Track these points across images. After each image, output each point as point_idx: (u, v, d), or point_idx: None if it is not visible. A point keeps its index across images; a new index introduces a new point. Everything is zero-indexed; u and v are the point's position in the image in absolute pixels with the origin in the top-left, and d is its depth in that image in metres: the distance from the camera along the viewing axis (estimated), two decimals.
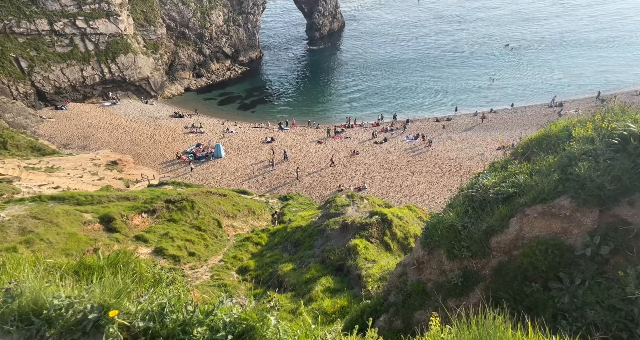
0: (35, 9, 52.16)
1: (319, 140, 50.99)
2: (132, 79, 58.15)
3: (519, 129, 46.49)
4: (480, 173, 9.05)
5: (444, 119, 55.08)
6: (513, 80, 64.70)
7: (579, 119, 7.24)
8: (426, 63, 72.23)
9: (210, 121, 56.23)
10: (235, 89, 67.55)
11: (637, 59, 66.77)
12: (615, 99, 6.75)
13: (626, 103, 6.49)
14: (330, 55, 79.11)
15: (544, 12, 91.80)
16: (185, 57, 67.77)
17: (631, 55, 69.14)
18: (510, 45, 75.06)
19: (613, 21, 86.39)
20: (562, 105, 54.23)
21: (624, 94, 53.59)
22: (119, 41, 56.38)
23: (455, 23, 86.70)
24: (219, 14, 71.53)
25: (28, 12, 51.79)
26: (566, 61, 69.37)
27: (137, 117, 54.46)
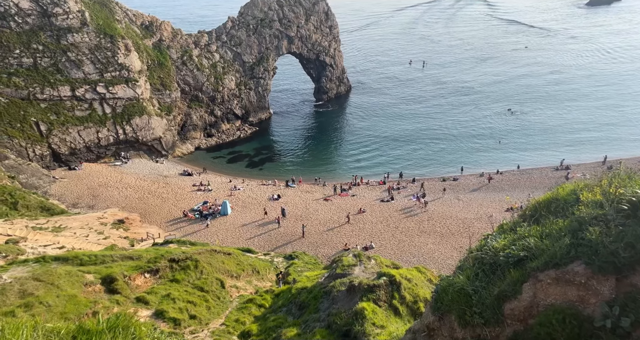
0: (60, 77, 55.49)
1: (326, 198, 51.10)
2: (145, 139, 60.23)
3: (526, 191, 46.60)
4: (489, 235, 8.94)
5: (450, 179, 55.38)
6: (518, 142, 65.92)
7: (586, 183, 7.28)
8: (431, 125, 74.34)
9: (218, 179, 57.06)
10: (244, 147, 69.39)
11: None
12: (621, 165, 6.85)
13: (632, 169, 6.58)
14: (337, 116, 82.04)
15: (544, 78, 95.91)
16: (197, 118, 70.69)
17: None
18: (512, 110, 77.42)
19: (614, 78, 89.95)
20: (569, 169, 54.70)
21: (631, 160, 54.60)
22: (135, 104, 59.29)
23: (458, 88, 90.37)
24: (232, 78, 75.78)
25: (52, 80, 55.02)
26: (572, 122, 70.89)
27: (147, 176, 55.51)
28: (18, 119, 52.07)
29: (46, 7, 55.31)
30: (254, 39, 77.98)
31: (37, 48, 54.73)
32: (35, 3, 55.05)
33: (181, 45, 70.70)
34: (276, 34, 79.96)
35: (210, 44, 74.70)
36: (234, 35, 77.02)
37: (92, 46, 57.12)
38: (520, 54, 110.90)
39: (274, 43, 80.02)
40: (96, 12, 59.35)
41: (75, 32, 56.36)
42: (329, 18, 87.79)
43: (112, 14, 61.68)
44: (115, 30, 59.01)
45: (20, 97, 53.19)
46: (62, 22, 56.02)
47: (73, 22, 56.37)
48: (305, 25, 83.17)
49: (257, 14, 79.01)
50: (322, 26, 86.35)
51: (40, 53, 54.81)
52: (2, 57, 53.20)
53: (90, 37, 57.10)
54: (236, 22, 78.36)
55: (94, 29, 57.42)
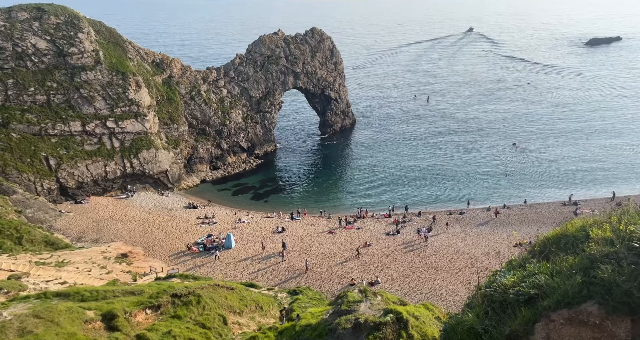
0: (72, 112, 56.84)
1: (330, 231, 50.58)
2: (152, 172, 60.81)
3: (534, 226, 46.01)
4: (498, 271, 8.74)
5: (456, 213, 54.85)
6: (524, 177, 65.69)
7: (595, 219, 7.23)
8: (435, 158, 74.58)
9: (223, 211, 56.93)
10: (249, 180, 69.71)
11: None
12: (630, 202, 6.83)
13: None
14: (342, 149, 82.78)
15: (548, 113, 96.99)
16: (204, 151, 71.61)
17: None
18: (517, 145, 77.80)
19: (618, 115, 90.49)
20: (578, 205, 54.10)
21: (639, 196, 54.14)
22: (143, 138, 60.36)
23: (462, 122, 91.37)
24: (239, 112, 77.39)
25: (64, 116, 56.35)
26: (578, 158, 70.82)
27: (152, 209, 55.56)
28: (28, 154, 52.95)
29: (62, 47, 57.66)
30: (261, 75, 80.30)
31: (51, 85, 56.49)
32: (52, 43, 57.48)
33: (190, 81, 72.88)
34: (282, 70, 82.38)
35: (219, 80, 76.96)
36: (241, 71, 79.44)
37: (105, 83, 59.02)
38: (523, 90, 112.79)
39: (281, 78, 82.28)
40: (110, 51, 61.80)
41: (89, 70, 58.42)
42: (334, 55, 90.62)
43: (124, 52, 64.20)
44: (127, 67, 61.17)
45: (32, 132, 54.37)
46: (77, 60, 58.19)
47: (87, 61, 58.58)
48: (311, 62, 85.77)
49: (264, 51, 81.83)
50: (327, 62, 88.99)
51: (54, 90, 56.50)
52: (17, 94, 54.85)
53: (103, 74, 59.14)
54: (244, 58, 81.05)
55: (107, 66, 59.58)
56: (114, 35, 65.41)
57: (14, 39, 55.41)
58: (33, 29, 56.87)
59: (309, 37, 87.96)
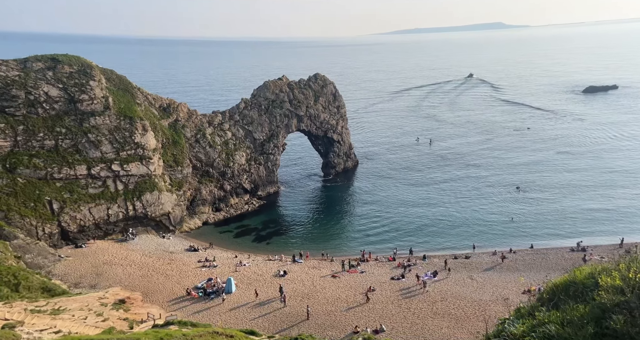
0: (78, 157, 57.51)
1: (333, 274, 49.32)
2: (154, 215, 60.53)
3: (542, 272, 44.93)
4: (507, 319, 8.39)
5: (462, 257, 53.67)
6: (529, 220, 64.87)
7: (604, 266, 7.09)
8: (439, 201, 74.15)
9: (224, 254, 55.99)
10: (251, 221, 69.19)
11: None
12: (638, 249, 6.70)
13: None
14: (345, 191, 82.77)
15: (551, 157, 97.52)
16: (207, 193, 71.73)
17: None
18: (520, 188, 77.66)
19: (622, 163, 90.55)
20: (586, 250, 53.21)
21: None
22: (147, 180, 60.69)
23: (465, 166, 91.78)
24: (242, 154, 78.41)
25: (71, 160, 56.96)
26: (586, 203, 70.11)
27: (153, 252, 54.76)
28: (32, 198, 52.92)
29: (73, 94, 59.54)
30: (265, 118, 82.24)
31: (60, 131, 57.63)
32: (64, 91, 59.49)
33: (195, 125, 74.59)
34: (286, 113, 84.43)
35: (224, 123, 78.75)
36: (246, 114, 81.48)
37: (112, 127, 60.41)
38: (524, 135, 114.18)
39: (284, 121, 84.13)
40: (119, 97, 63.89)
41: (98, 116, 59.97)
42: (337, 99, 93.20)
43: (133, 98, 66.38)
44: (135, 112, 62.91)
45: (38, 177, 54.71)
46: (87, 106, 59.88)
47: (97, 107, 60.34)
48: (314, 106, 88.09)
49: (268, 95, 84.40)
50: (330, 106, 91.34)
51: (62, 135, 57.59)
52: (26, 140, 55.77)
53: (111, 119, 60.68)
54: (249, 103, 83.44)
55: (115, 112, 61.29)
56: (124, 82, 67.99)
57: (28, 87, 57.38)
58: (47, 78, 59.14)
59: (313, 82, 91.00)
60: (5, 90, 56.06)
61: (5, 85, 56.19)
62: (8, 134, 54.81)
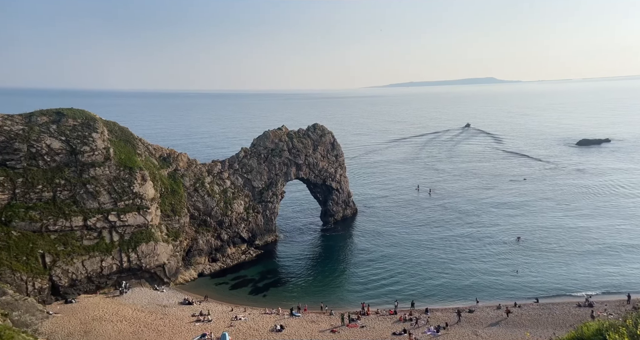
0: (75, 208, 56.59)
1: (332, 329, 47.02)
2: (149, 266, 58.81)
3: (549, 328, 43.18)
4: None
5: (465, 311, 51.48)
6: (533, 273, 63.13)
7: (611, 322, 6.81)
8: (440, 251, 72.53)
9: (219, 308, 53.71)
10: (248, 272, 67.21)
11: None
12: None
13: None
14: (344, 240, 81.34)
15: (548, 208, 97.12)
16: (204, 243, 70.38)
17: None
18: (521, 238, 76.64)
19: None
20: (593, 306, 51.52)
21: None
22: (143, 231, 59.63)
23: (463, 215, 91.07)
24: (241, 203, 78.04)
25: (67, 212, 55.96)
26: (588, 257, 68.58)
27: (145, 306, 52.50)
28: (25, 251, 51.39)
29: (75, 146, 60.09)
30: (265, 167, 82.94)
31: (59, 182, 57.26)
32: (66, 143, 60.14)
33: (195, 174, 75.04)
34: (285, 162, 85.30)
35: (223, 172, 79.27)
36: (245, 163, 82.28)
37: (112, 177, 60.49)
38: (521, 184, 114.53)
39: (283, 170, 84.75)
40: (120, 148, 64.79)
41: (98, 166, 60.16)
42: (335, 148, 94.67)
43: (134, 148, 67.34)
44: (135, 162, 63.42)
45: (33, 229, 53.58)
46: (88, 158, 60.16)
47: (97, 158, 60.75)
48: (313, 154, 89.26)
49: (268, 144, 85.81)
50: (328, 155, 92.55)
51: (61, 187, 57.16)
52: (24, 192, 55.09)
53: (110, 169, 60.91)
54: (249, 152, 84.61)
55: (116, 162, 61.74)
56: (126, 133, 69.35)
57: (30, 141, 57.87)
58: (50, 131, 60.07)
59: (311, 132, 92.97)
60: (8, 144, 56.60)
61: (8, 139, 56.79)
62: (7, 186, 54.51)
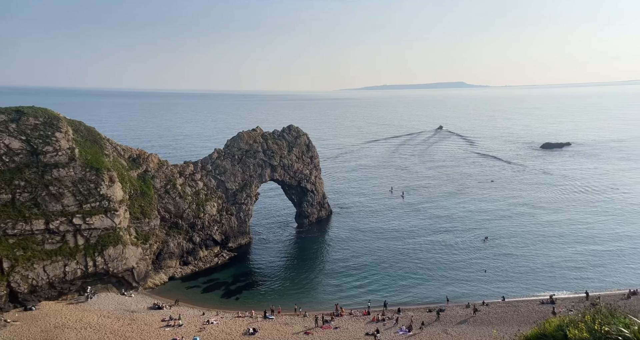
0: (36, 210, 53.57)
1: (306, 331, 46.88)
2: (116, 271, 56.64)
3: (514, 325, 44.78)
4: None
5: (436, 309, 52.64)
6: (501, 272, 65.08)
7: (571, 318, 7.14)
8: (412, 252, 73.56)
9: (190, 312, 52.50)
10: (221, 275, 66.10)
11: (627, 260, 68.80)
12: (600, 301, 6.86)
13: (613, 306, 6.60)
14: (318, 241, 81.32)
15: (516, 209, 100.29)
16: (175, 246, 68.69)
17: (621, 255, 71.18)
18: (488, 238, 78.91)
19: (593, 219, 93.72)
20: (555, 303, 53.96)
21: (612, 295, 55.52)
22: (111, 234, 57.36)
23: (435, 217, 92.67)
24: (214, 205, 76.70)
25: (27, 214, 52.90)
26: (549, 253, 71.37)
27: (112, 312, 50.61)
28: None
29: (37, 146, 56.93)
30: (239, 168, 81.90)
31: (18, 184, 54.25)
32: (26, 143, 56.96)
33: (166, 175, 73.20)
34: (260, 163, 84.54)
35: (195, 173, 77.72)
36: (219, 164, 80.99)
37: (77, 179, 57.79)
38: (489, 186, 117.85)
39: (258, 171, 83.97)
40: (86, 148, 62.14)
41: (62, 167, 57.23)
42: (310, 150, 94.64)
43: (101, 149, 64.86)
44: (102, 163, 61.04)
45: None
46: (50, 158, 57.18)
47: (61, 158, 57.83)
48: (288, 156, 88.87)
49: (242, 146, 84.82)
50: (303, 156, 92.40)
51: (20, 188, 54.10)
52: None
53: (76, 170, 58.17)
54: (222, 153, 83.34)
55: (81, 163, 59.07)
56: (93, 133, 66.78)
57: None
58: (9, 130, 56.85)
59: (286, 133, 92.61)
60: None
61: None
62: None
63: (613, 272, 64.51)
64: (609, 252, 71.94)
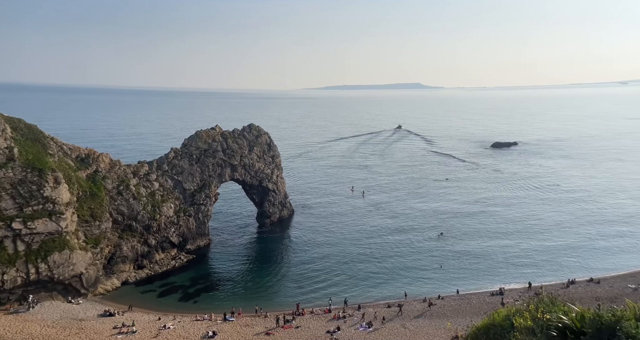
0: None
1: (267, 332, 46.40)
2: (62, 278, 53.07)
3: (467, 317, 46.80)
4: None
5: (395, 305, 53.94)
6: (455, 267, 67.68)
7: (517, 308, 7.53)
8: (372, 251, 74.64)
9: (145, 317, 50.35)
10: (178, 278, 63.95)
11: (562, 250, 73.53)
12: (542, 290, 7.20)
13: (553, 295, 7.00)
14: (280, 241, 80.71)
15: (469, 205, 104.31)
16: (128, 249, 65.59)
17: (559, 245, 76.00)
18: (443, 234, 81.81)
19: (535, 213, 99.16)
20: (503, 294, 56.88)
21: (553, 285, 59.28)
22: (56, 238, 53.63)
23: (394, 215, 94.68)
24: (170, 206, 74.03)
25: None
26: (498, 248, 74.93)
27: (57, 321, 47.44)
28: None
29: None
30: (197, 168, 79.56)
31: None
32: None
33: (118, 176, 69.76)
34: (219, 163, 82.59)
35: (150, 174, 74.64)
36: (176, 164, 78.28)
37: (16, 181, 53.49)
38: (443, 184, 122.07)
39: (217, 171, 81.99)
40: (27, 148, 57.76)
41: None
42: (271, 149, 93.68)
43: (44, 148, 60.59)
44: (46, 163, 57.04)
45: None
46: None
47: None
48: (248, 155, 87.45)
49: (200, 145, 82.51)
50: (265, 156, 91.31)
51: None
52: None
53: (15, 171, 53.84)
54: (179, 152, 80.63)
55: (21, 163, 54.85)
56: (34, 131, 62.26)
57: None
58: None
59: (247, 132, 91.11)
60: None
61: None
62: None
63: (555, 264, 68.87)
64: (552, 245, 76.74)
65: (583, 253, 72.95)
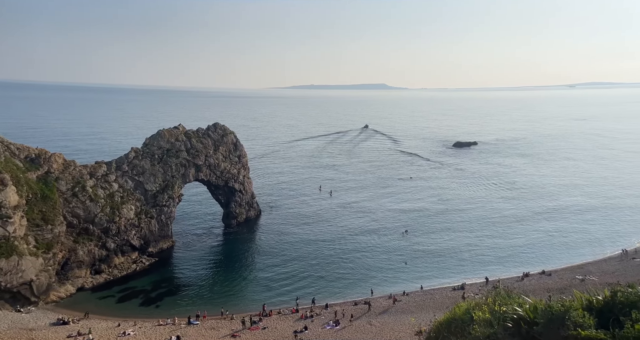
0: None
1: (233, 334, 45.54)
2: (10, 286, 49.74)
3: (430, 312, 47.97)
4: None
5: (361, 303, 54.48)
6: (419, 263, 69.28)
7: (476, 302, 7.65)
8: (339, 250, 75.05)
9: (103, 324, 48.06)
10: (139, 282, 61.54)
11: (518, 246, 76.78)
12: (500, 284, 7.37)
13: (509, 288, 7.22)
14: (246, 242, 79.44)
15: (432, 204, 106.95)
16: (84, 254, 62.39)
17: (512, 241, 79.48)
18: (407, 231, 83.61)
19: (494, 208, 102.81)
20: (464, 288, 58.76)
21: (509, 279, 61.60)
22: (3, 244, 50.20)
23: (359, 213, 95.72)
24: (131, 207, 71.14)
25: None
26: (457, 244, 77.44)
27: (5, 332, 44.32)
28: None
29: None
30: (159, 168, 76.90)
31: None
32: None
33: (73, 177, 66.24)
34: (183, 163, 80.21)
35: (109, 174, 71.41)
36: (136, 164, 75.32)
37: None
38: (408, 183, 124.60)
39: (181, 171, 79.58)
40: None
41: None
42: (238, 148, 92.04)
43: None
44: None
45: None
46: None
47: None
48: (213, 155, 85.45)
49: (163, 144, 79.83)
50: (231, 155, 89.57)
51: None
52: None
53: None
54: (140, 152, 77.65)
55: None
56: None
57: None
58: None
59: (212, 131, 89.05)
60: None
61: None
62: None
63: (511, 258, 71.86)
64: (511, 241, 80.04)
65: (539, 247, 76.55)
